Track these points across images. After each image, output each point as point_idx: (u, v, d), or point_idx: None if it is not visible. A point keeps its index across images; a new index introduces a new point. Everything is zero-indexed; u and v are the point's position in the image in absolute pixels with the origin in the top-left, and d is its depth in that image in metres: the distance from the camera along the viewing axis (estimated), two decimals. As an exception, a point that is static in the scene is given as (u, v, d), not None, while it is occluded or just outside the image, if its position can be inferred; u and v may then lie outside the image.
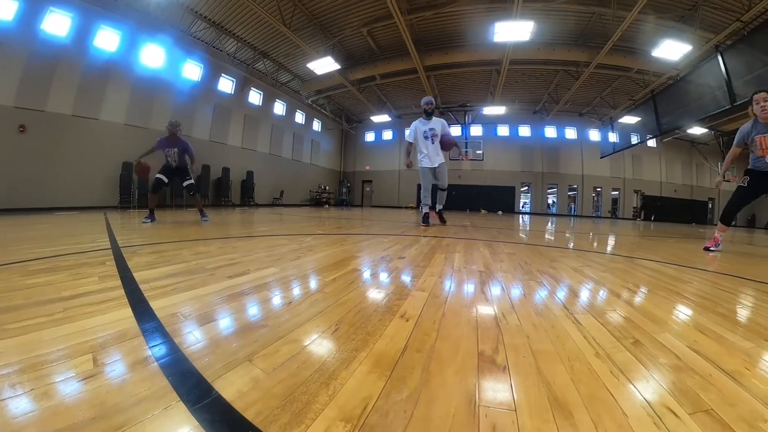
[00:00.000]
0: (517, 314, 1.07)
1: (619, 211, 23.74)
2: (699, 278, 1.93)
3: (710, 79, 10.28)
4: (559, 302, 1.26)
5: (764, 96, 3.01)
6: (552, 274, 1.76)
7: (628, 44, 13.07)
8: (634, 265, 2.31)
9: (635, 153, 23.13)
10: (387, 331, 0.89)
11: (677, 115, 12.56)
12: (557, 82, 16.92)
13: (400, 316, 1.00)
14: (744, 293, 1.63)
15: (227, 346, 0.77)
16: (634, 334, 0.96)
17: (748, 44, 8.99)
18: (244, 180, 15.03)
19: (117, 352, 0.72)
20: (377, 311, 1.04)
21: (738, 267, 2.57)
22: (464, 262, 2.00)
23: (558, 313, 1.12)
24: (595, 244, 3.86)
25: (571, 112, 21.44)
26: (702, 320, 1.13)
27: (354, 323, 0.93)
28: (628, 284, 1.65)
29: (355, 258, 2.00)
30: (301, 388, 0.61)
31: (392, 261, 1.92)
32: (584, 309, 1.19)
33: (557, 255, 2.54)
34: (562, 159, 22.87)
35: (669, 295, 1.47)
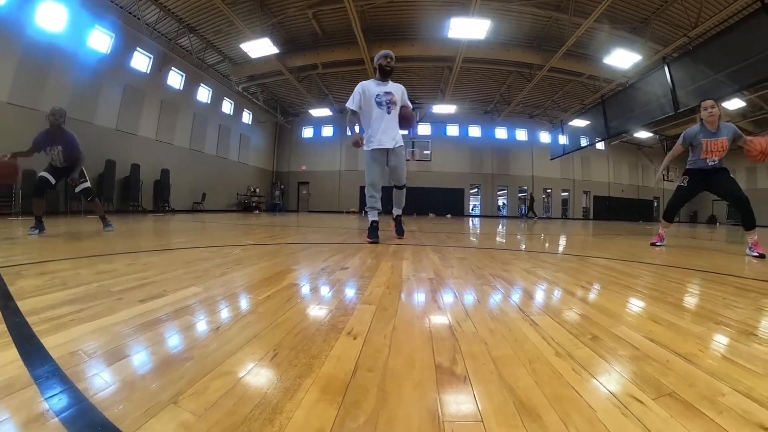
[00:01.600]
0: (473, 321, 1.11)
1: (569, 211, 25.77)
2: (648, 272, 2.27)
3: (657, 88, 11.90)
4: (515, 305, 1.33)
5: (711, 103, 3.67)
6: (505, 278, 1.86)
7: (582, 50, 14.40)
8: (587, 264, 2.56)
9: (584, 155, 25.38)
10: (333, 351, 0.87)
11: (625, 120, 14.15)
12: (510, 83, 18.09)
13: (346, 333, 0.99)
14: (690, 282, 1.98)
15: (146, 387, 0.68)
16: (591, 330, 1.05)
17: (693, 58, 10.72)
18: (158, 180, 13.74)
19: (3, 410, 0.60)
20: (321, 330, 1.02)
21: (682, 259, 3.03)
22: (413, 270, 2.04)
23: (514, 316, 1.18)
24: (547, 245, 4.22)
25: (522, 113, 22.99)
26: (654, 311, 1.30)
27: (295, 346, 0.90)
28: (582, 282, 1.82)
29: (292, 271, 1.95)
30: (241, 429, 0.58)
31: (334, 273, 1.90)
32: (540, 310, 1.27)
33: (510, 258, 2.71)
34: (512, 160, 24.44)
35: (622, 289, 1.66)
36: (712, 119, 3.65)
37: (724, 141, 3.63)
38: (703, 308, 1.39)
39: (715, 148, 3.66)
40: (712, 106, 3.66)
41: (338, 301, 1.35)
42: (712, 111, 3.64)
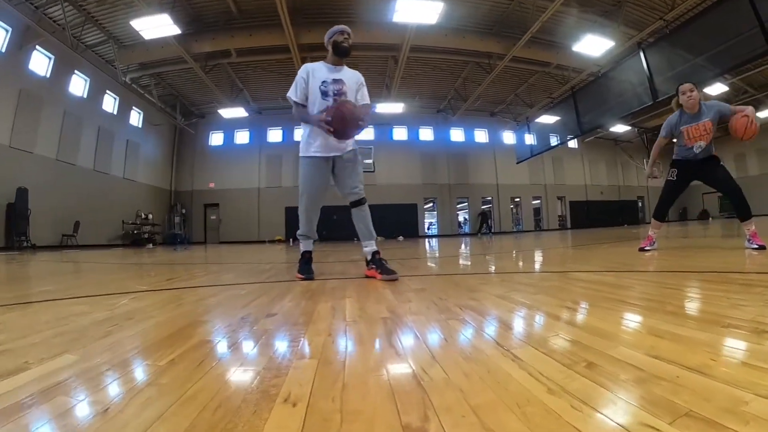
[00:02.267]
0: (442, 365, 1.10)
1: (543, 221, 27.06)
2: (641, 281, 2.47)
3: (632, 76, 13.13)
4: (491, 339, 1.34)
5: (690, 87, 4.14)
6: (475, 308, 1.88)
7: (548, 37, 15.45)
8: (569, 280, 2.69)
9: (556, 155, 27.02)
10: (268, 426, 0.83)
11: (599, 113, 15.32)
12: (466, 76, 18.99)
13: (283, 400, 0.94)
14: (689, 286, 2.20)
15: None
16: (585, 356, 1.08)
17: (670, 42, 12.08)
18: (11, 204, 12.51)
19: None
20: (248, 400, 0.96)
21: (677, 261, 3.32)
22: (361, 309, 2.01)
23: (491, 352, 1.18)
24: (521, 264, 4.41)
25: (481, 111, 24.09)
26: (654, 323, 1.40)
27: (215, 425, 0.84)
28: (566, 302, 1.90)
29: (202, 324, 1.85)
30: None
31: (259, 321, 1.83)
32: (522, 341, 1.30)
33: (477, 283, 2.77)
34: (472, 167, 25.40)
35: (613, 305, 1.77)
36: (692, 103, 4.10)
37: (706, 123, 4.07)
38: (708, 312, 1.53)
39: (697, 133, 4.11)
40: (691, 90, 4.12)
41: (267, 358, 1.29)
42: (691, 95, 4.10)
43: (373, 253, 3.39)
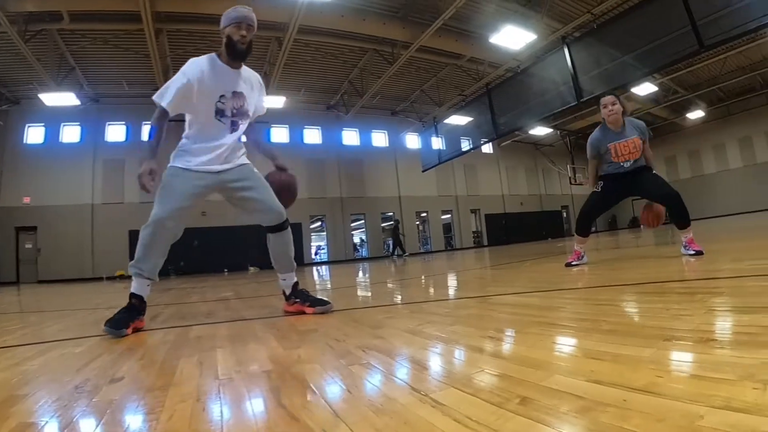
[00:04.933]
0: (348, 424, 1.07)
1: (454, 239, 28.13)
2: (571, 299, 2.69)
3: (555, 73, 14.31)
4: (404, 384, 1.34)
5: (612, 99, 4.56)
6: (381, 348, 1.88)
7: (463, 25, 16.31)
8: (490, 305, 2.82)
9: (468, 162, 28.46)
10: None
11: (517, 114, 16.40)
12: (364, 67, 19.40)
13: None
14: (625, 300, 2.44)
15: None
16: (518, 391, 1.12)
17: (597, 38, 13.29)
18: None
19: None
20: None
21: (610, 274, 3.67)
22: (236, 362, 1.92)
23: (407, 400, 1.17)
24: (432, 290, 4.55)
25: (380, 109, 24.71)
26: (591, 345, 1.51)
27: None
28: (489, 331, 1.97)
29: (21, 399, 1.66)
30: None
31: (100, 390, 1.67)
32: (442, 383, 1.30)
33: (382, 318, 2.79)
34: (369, 176, 25.84)
35: (543, 329, 1.88)
36: (614, 118, 4.55)
37: (635, 140, 4.54)
38: (648, 326, 1.69)
39: (626, 151, 4.55)
40: (613, 103, 4.55)
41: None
42: (612, 108, 4.54)
43: (293, 285, 3.35)
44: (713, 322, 1.70)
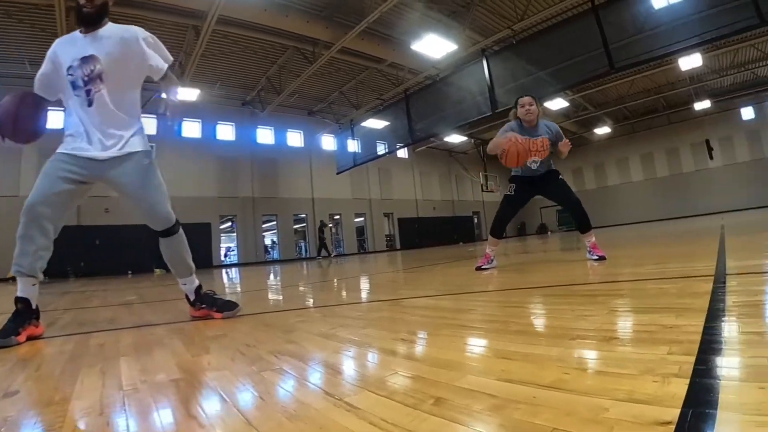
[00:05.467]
0: (260, 431, 1.06)
1: (367, 242, 28.30)
2: (482, 302, 2.84)
3: (472, 84, 14.98)
4: (318, 389, 1.33)
5: (530, 100, 4.91)
6: (294, 353, 1.86)
7: (386, 30, 16.46)
8: (403, 308, 2.87)
9: (383, 166, 28.72)
10: None
11: (434, 121, 16.84)
12: (284, 64, 19.07)
13: None
14: (533, 302, 2.60)
15: None
16: (431, 392, 1.15)
17: (515, 53, 14.28)
18: None
19: None
20: None
21: (519, 278, 3.86)
22: (141, 370, 1.83)
23: (321, 405, 1.16)
24: (345, 294, 4.57)
25: (297, 108, 24.42)
26: (501, 345, 1.60)
27: None
28: (402, 334, 2.01)
29: None
30: None
31: None
32: (356, 386, 1.31)
33: (294, 322, 2.76)
34: (283, 177, 25.43)
35: (455, 331, 1.95)
36: (530, 117, 4.89)
37: (544, 140, 4.86)
38: (555, 327, 1.83)
39: (535, 148, 4.84)
40: (530, 104, 4.90)
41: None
42: (530, 109, 4.88)
43: (196, 289, 3.15)
44: (615, 322, 1.85)
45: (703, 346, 1.32)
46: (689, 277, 2.87)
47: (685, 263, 3.95)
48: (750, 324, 1.57)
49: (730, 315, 1.71)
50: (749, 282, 2.49)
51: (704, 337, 1.41)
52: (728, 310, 1.79)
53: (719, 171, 32.29)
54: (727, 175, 31.81)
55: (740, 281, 2.52)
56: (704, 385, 1.00)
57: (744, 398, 0.92)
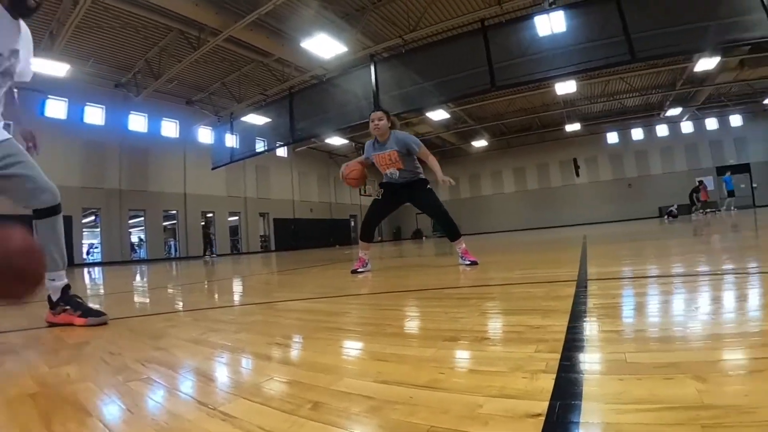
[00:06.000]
0: (131, 447, 1.02)
1: (241, 243, 27.65)
2: (357, 305, 2.86)
3: (358, 88, 15.25)
4: (190, 398, 1.29)
5: (379, 115, 5.12)
6: (163, 360, 1.77)
7: (277, 24, 16.17)
8: (277, 311, 2.87)
9: (261, 163, 28.22)
10: None
11: (317, 121, 16.93)
12: (166, 47, 17.87)
13: None
14: (407, 305, 2.74)
15: None
16: (309, 396, 1.16)
17: (404, 61, 14.86)
18: None
19: None
20: None
21: (393, 281, 3.99)
22: None
23: (194, 416, 1.13)
24: (217, 296, 4.46)
25: (175, 96, 23.17)
26: (377, 348, 1.65)
27: None
28: (276, 338, 2.00)
29: None
30: None
31: None
32: (230, 394, 1.28)
33: (162, 327, 2.62)
34: (154, 169, 23.88)
35: (331, 334, 2.00)
36: (378, 132, 5.12)
37: (391, 153, 5.10)
38: (429, 329, 1.94)
39: (384, 162, 5.15)
40: (379, 118, 5.11)
41: None
42: (378, 123, 5.09)
43: (63, 288, 2.81)
44: (486, 323, 1.99)
45: (567, 344, 1.46)
46: (554, 282, 3.15)
47: (551, 269, 4.30)
48: (608, 323, 1.77)
49: (591, 316, 1.91)
50: (607, 286, 2.78)
51: (568, 336, 1.56)
52: (589, 312, 1.99)
53: (584, 187, 37.14)
54: (591, 191, 36.74)
55: (600, 285, 2.80)
56: (569, 379, 1.12)
57: (605, 389, 1.04)
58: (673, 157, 35.59)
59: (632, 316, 2.01)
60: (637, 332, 1.66)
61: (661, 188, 33.81)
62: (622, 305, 2.24)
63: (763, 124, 33.48)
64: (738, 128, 34.30)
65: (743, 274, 2.88)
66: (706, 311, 1.94)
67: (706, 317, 1.80)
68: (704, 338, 1.50)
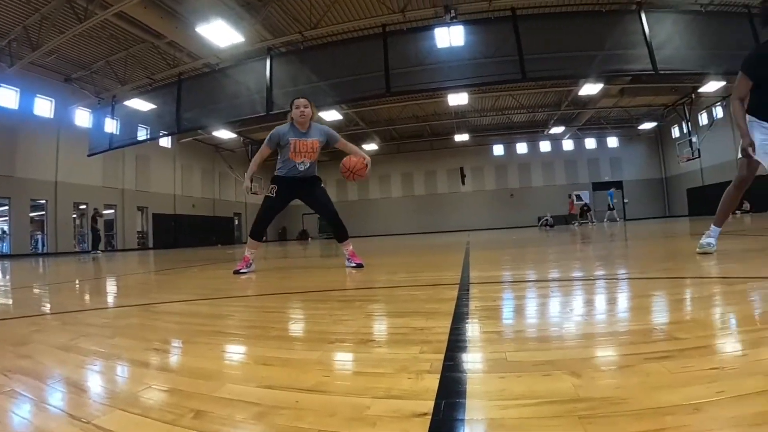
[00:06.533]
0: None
1: (116, 239, 26.11)
2: (240, 307, 2.83)
3: (252, 81, 15.16)
4: (60, 412, 1.22)
5: (305, 102, 5.10)
6: (28, 369, 1.62)
7: (173, 4, 15.54)
8: (155, 314, 2.75)
9: (142, 153, 26.91)
10: None
11: (205, 112, 16.48)
12: (48, 14, 16.19)
13: None
14: (292, 307, 2.77)
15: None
16: (190, 405, 1.12)
17: (301, 58, 15.09)
18: None
19: None
20: None
21: (277, 282, 3.99)
22: None
23: (65, 430, 1.07)
24: (88, 297, 4.20)
25: (53, 71, 21.30)
26: (261, 351, 1.65)
27: None
28: (154, 343, 1.91)
29: None
30: None
31: None
32: (105, 405, 1.20)
33: (26, 332, 2.41)
34: (22, 152, 21.32)
35: (212, 338, 1.94)
36: (303, 120, 5.08)
37: (314, 142, 5.12)
38: (314, 331, 1.98)
39: (305, 149, 5.08)
40: (306, 106, 5.08)
41: None
42: (304, 111, 5.06)
43: None
44: (371, 325, 2.05)
45: (450, 344, 1.53)
46: (438, 285, 3.29)
47: (435, 272, 4.48)
48: (489, 325, 1.88)
49: (473, 317, 2.02)
50: (488, 290, 2.95)
51: (451, 337, 1.64)
52: (471, 314, 2.11)
53: (469, 195, 39.89)
54: (476, 199, 39.61)
55: (481, 289, 2.96)
56: (453, 378, 1.18)
57: (488, 387, 1.11)
58: (553, 172, 39.72)
59: (512, 318, 2.17)
60: (517, 333, 1.80)
61: (541, 199, 37.01)
62: (503, 307, 2.40)
63: (636, 146, 39.15)
64: (614, 149, 39.60)
65: (613, 280, 3.19)
66: (580, 313, 2.14)
67: (580, 318, 1.99)
68: (578, 337, 1.65)
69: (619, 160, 39.58)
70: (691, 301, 2.32)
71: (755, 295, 2.30)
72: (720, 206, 4.34)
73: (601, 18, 14.82)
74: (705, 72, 16.20)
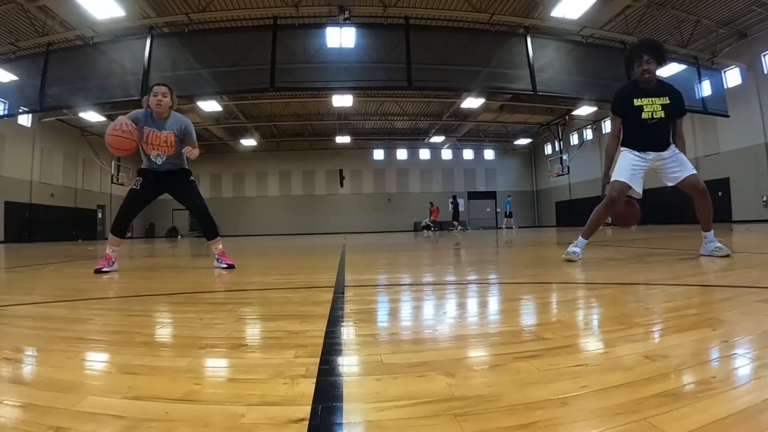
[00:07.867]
0: None
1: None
2: (101, 310, 2.66)
3: (128, 61, 14.21)
4: None
5: (164, 91, 4.76)
6: None
7: None
8: (4, 319, 2.41)
9: (-3, 131, 24.13)
10: None
11: (73, 90, 15.17)
12: None
13: None
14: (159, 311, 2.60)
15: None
16: (47, 421, 1.01)
17: (183, 42, 14.26)
18: None
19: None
20: None
21: (143, 284, 3.82)
22: None
23: None
24: None
25: None
26: (125, 359, 1.52)
27: None
28: (5, 352, 1.68)
29: None
30: None
31: None
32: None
33: None
34: None
35: (71, 345, 1.77)
36: (160, 109, 4.74)
37: (169, 135, 4.76)
38: (183, 336, 1.89)
39: (156, 141, 4.74)
40: (164, 94, 4.76)
41: None
42: (162, 100, 4.72)
43: None
44: (244, 329, 2.00)
45: (326, 348, 1.54)
46: (313, 288, 3.31)
47: (310, 275, 4.51)
48: (365, 328, 1.92)
49: (348, 320, 2.05)
50: (363, 293, 3.01)
51: (326, 340, 1.65)
52: (346, 317, 2.14)
53: (347, 197, 40.65)
54: (354, 202, 40.42)
55: (356, 292, 3.01)
56: (330, 382, 1.19)
57: (364, 390, 1.14)
58: (431, 179, 41.73)
59: (387, 321, 2.23)
60: (392, 335, 1.85)
61: (418, 205, 37.99)
62: (378, 310, 2.46)
63: (511, 160, 42.51)
64: (490, 161, 42.68)
65: (485, 284, 3.37)
66: (453, 315, 2.24)
67: (453, 320, 2.09)
68: (451, 339, 1.74)
69: (494, 171, 42.57)
70: (556, 304, 2.52)
71: (614, 298, 2.55)
72: (589, 221, 4.72)
73: (490, 37, 15.74)
74: (579, 97, 17.80)
